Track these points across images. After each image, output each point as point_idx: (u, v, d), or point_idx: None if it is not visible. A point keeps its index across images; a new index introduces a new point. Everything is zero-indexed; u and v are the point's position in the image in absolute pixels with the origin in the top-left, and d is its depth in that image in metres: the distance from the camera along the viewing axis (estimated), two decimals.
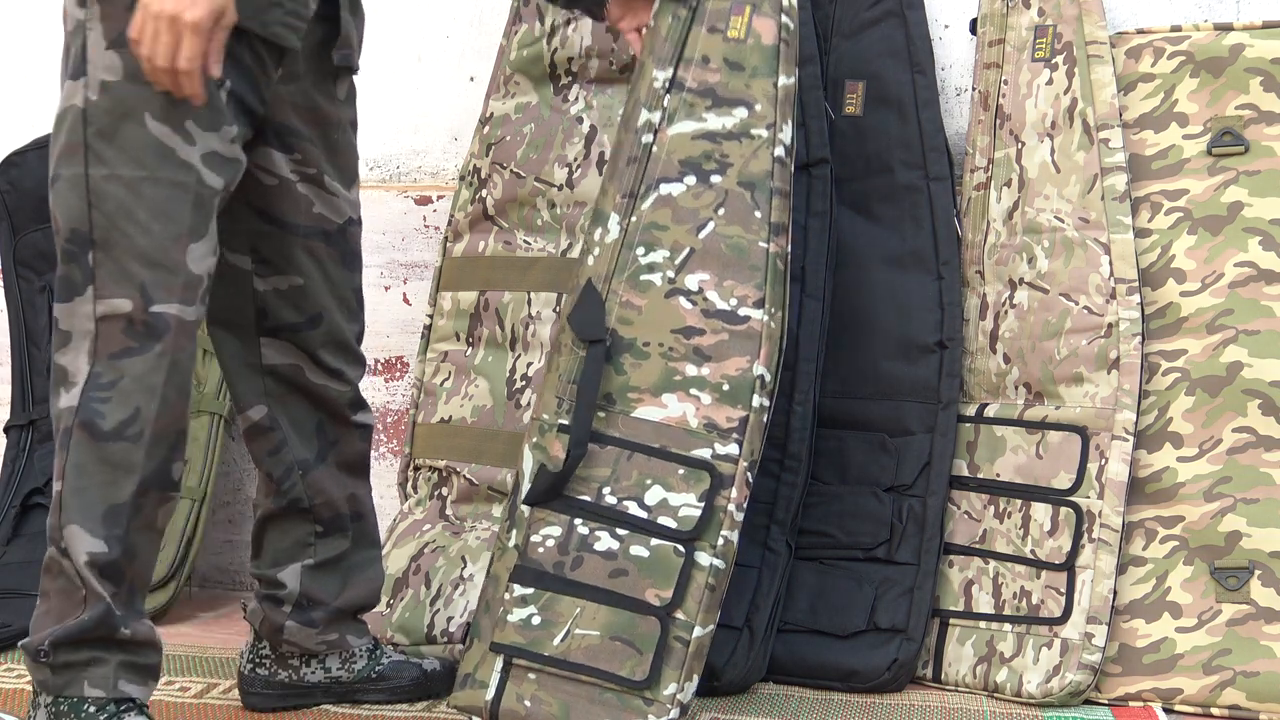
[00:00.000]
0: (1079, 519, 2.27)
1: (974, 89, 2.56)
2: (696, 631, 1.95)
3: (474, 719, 2.01)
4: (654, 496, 1.99)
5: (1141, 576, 2.27)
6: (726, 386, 2.01)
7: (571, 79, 2.61)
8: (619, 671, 1.95)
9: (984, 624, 2.32)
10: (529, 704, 1.97)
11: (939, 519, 2.38)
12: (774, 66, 2.11)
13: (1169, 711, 2.19)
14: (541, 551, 2.00)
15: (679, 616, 1.95)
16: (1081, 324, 2.33)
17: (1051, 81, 2.43)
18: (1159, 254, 2.36)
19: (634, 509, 1.99)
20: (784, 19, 2.12)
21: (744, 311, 2.03)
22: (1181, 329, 2.33)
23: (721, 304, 2.03)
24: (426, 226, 2.87)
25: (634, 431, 2.01)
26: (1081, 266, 2.35)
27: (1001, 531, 2.36)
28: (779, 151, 2.08)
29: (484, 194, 2.63)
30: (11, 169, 2.89)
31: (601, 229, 2.09)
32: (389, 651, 2.24)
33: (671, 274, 2.05)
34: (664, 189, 2.09)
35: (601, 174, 2.48)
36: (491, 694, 1.99)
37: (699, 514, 1.97)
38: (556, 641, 1.97)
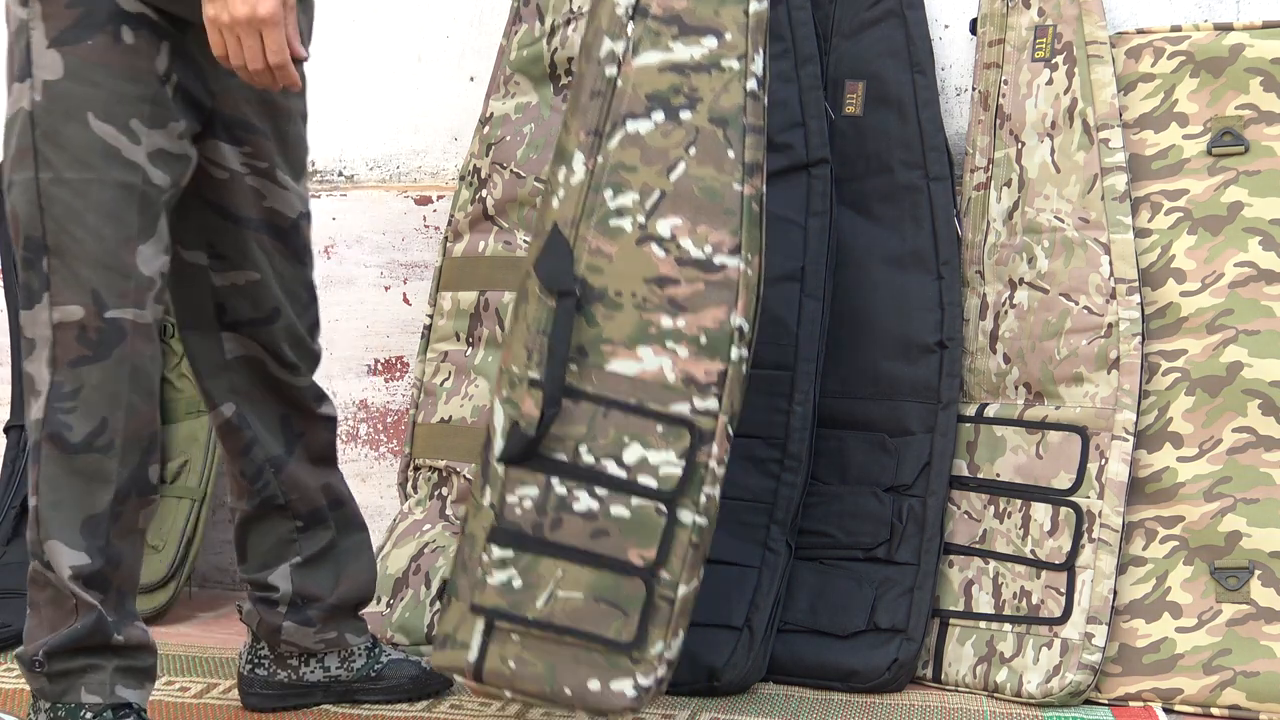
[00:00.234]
0: (1079, 519, 2.27)
1: (974, 89, 2.56)
2: (681, 590, 1.89)
3: (457, 678, 1.95)
4: (633, 455, 1.91)
5: (1141, 576, 2.27)
6: (704, 339, 1.92)
7: (571, 79, 2.61)
8: (605, 633, 1.89)
9: (984, 624, 2.32)
10: (514, 665, 1.91)
11: (939, 519, 2.38)
12: None
13: (1169, 711, 2.19)
14: (519, 513, 1.93)
15: (663, 575, 1.89)
16: (1081, 324, 2.33)
17: (1051, 81, 2.43)
18: (1159, 254, 2.36)
19: (612, 468, 1.91)
20: None
21: (719, 259, 1.93)
22: (1181, 329, 2.33)
23: (696, 251, 1.93)
24: (426, 226, 2.87)
25: (609, 386, 1.93)
26: (1081, 266, 2.35)
27: (1001, 531, 2.36)
28: (751, 85, 1.96)
29: (484, 194, 2.62)
30: None
31: (566, 169, 1.97)
32: (387, 650, 2.24)
33: (642, 219, 1.95)
34: (631, 126, 1.97)
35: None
36: (474, 655, 1.91)
37: (680, 472, 1.90)
38: (539, 604, 1.91)
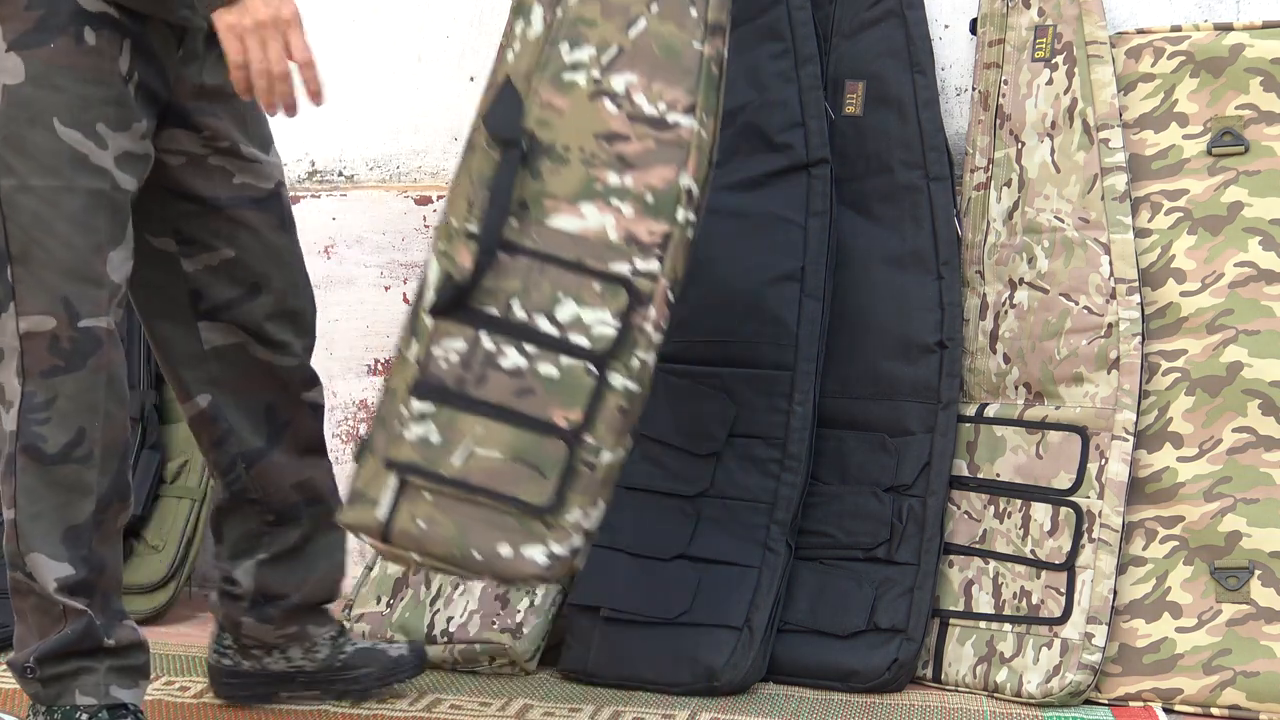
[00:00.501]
0: (1079, 519, 2.27)
1: (974, 89, 2.55)
2: (605, 456, 1.81)
3: (363, 536, 1.87)
4: (566, 312, 1.83)
5: (1141, 576, 2.26)
6: (650, 198, 1.84)
7: None
8: (520, 495, 1.79)
9: (984, 624, 2.32)
10: (423, 525, 1.81)
11: (939, 519, 2.37)
12: None
13: (1169, 711, 2.19)
14: (444, 366, 1.84)
15: (587, 440, 1.80)
16: (1081, 324, 2.33)
17: (1051, 81, 2.43)
18: (1159, 254, 2.36)
19: (544, 324, 1.83)
20: None
21: (673, 118, 1.86)
22: (1181, 329, 2.33)
23: (649, 108, 1.86)
24: (426, 226, 2.87)
25: (548, 242, 1.85)
26: (1081, 266, 2.34)
27: (1001, 531, 2.36)
28: None
29: None
30: None
31: (524, 22, 1.90)
32: (353, 640, 2.20)
33: (597, 74, 1.87)
34: None
35: None
36: (384, 512, 1.82)
37: (614, 333, 1.82)
38: (456, 461, 1.81)
